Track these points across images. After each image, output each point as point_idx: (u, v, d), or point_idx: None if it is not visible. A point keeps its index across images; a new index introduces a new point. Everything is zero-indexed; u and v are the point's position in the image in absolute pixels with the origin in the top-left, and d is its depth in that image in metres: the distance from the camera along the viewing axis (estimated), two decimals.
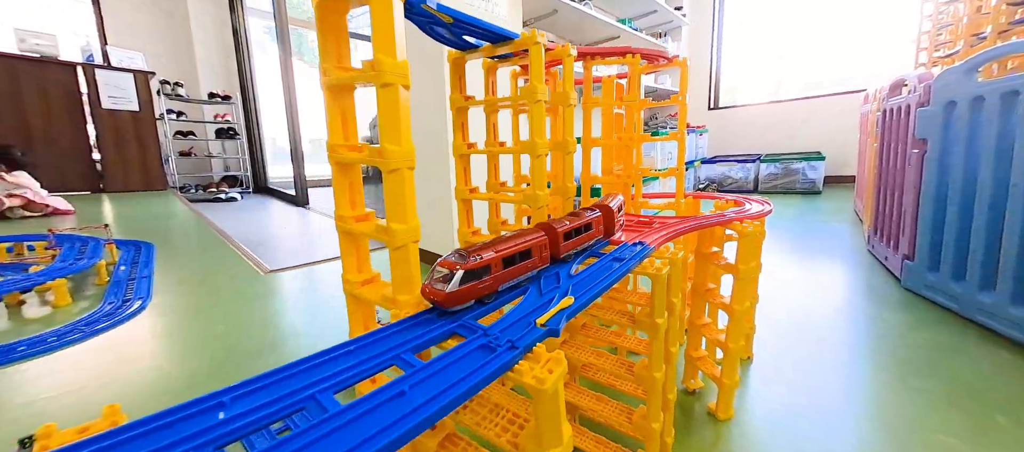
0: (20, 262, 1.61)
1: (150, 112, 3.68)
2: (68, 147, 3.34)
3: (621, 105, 0.92)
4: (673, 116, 4.28)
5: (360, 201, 0.48)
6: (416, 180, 0.51)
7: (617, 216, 0.64)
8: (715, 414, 0.81)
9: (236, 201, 4.20)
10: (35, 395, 0.87)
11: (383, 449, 0.22)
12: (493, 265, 0.42)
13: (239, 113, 4.53)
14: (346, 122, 0.45)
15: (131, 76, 3.52)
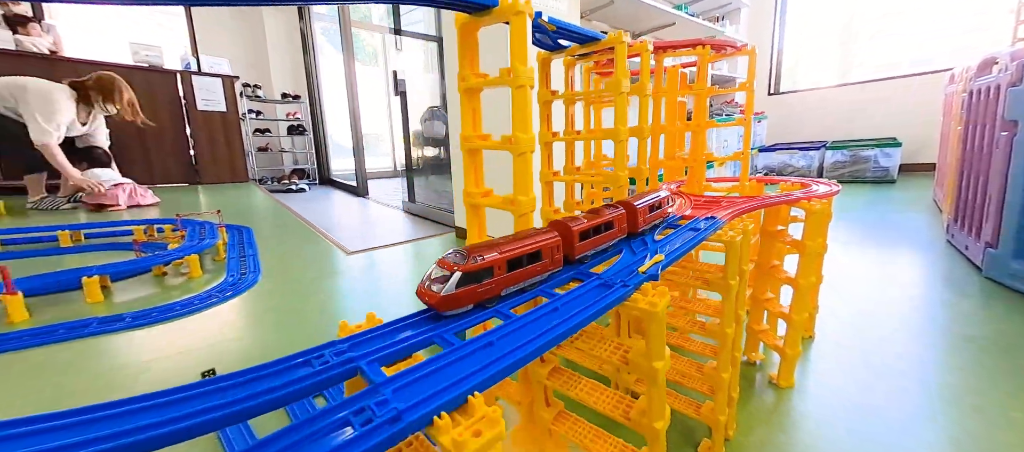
0: (157, 241, 1.93)
1: (235, 112, 4.12)
2: (171, 145, 3.84)
3: (684, 94, 0.98)
4: (729, 102, 4.14)
5: (482, 180, 0.60)
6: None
7: (645, 214, 0.60)
8: (776, 382, 0.87)
9: (305, 192, 4.61)
10: (202, 341, 1.09)
11: (528, 356, 0.33)
12: (496, 267, 0.40)
13: (306, 111, 4.94)
14: (475, 117, 0.57)
15: (219, 81, 3.96)
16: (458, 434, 0.23)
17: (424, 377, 0.27)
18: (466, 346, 0.31)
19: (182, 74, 3.77)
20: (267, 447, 0.21)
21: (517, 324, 0.35)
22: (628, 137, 0.68)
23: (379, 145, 6.07)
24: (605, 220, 0.53)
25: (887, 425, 0.73)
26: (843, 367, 0.90)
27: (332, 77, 4.96)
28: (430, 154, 5.62)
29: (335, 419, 0.23)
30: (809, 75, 4.27)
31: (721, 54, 0.88)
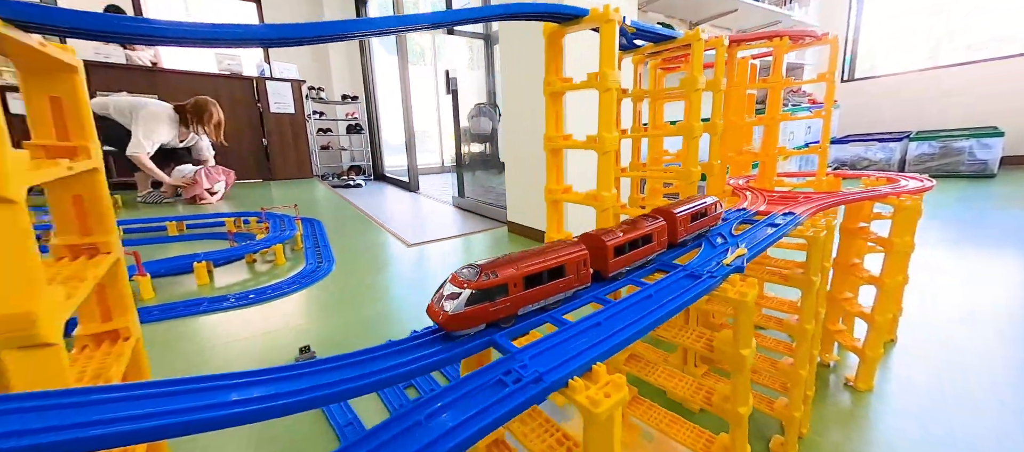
0: (246, 232, 2.17)
1: (301, 114, 4.45)
2: (249, 144, 4.23)
3: (759, 86, 0.96)
4: (795, 92, 3.87)
5: (563, 177, 0.64)
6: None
7: (686, 223, 0.55)
8: (854, 385, 0.84)
9: (361, 187, 4.91)
10: (293, 320, 1.23)
11: (640, 332, 0.36)
12: (511, 284, 0.37)
13: (363, 111, 5.23)
14: (558, 119, 0.61)
15: (289, 85, 4.30)
16: (592, 394, 0.27)
17: (549, 350, 0.32)
18: (577, 325, 0.36)
19: (258, 80, 4.14)
20: (442, 398, 0.27)
21: (616, 308, 0.39)
22: (702, 133, 0.69)
23: (426, 142, 6.29)
24: (642, 233, 0.49)
25: (972, 447, 0.68)
26: (928, 376, 0.85)
27: (386, 78, 5.22)
28: (476, 150, 5.75)
29: (489, 378, 0.28)
30: (889, 59, 3.89)
31: (798, 44, 0.86)
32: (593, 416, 0.26)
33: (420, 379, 0.79)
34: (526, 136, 2.06)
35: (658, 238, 0.51)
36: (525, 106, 2.01)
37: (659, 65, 0.91)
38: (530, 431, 0.36)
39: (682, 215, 0.55)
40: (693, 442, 0.54)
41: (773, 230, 0.61)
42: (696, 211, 0.57)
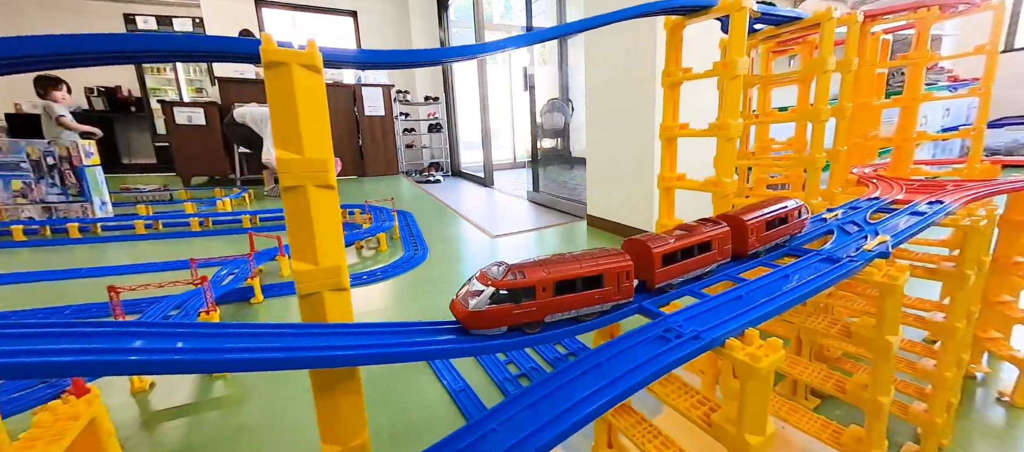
0: (352, 222, 2.45)
1: (390, 115, 4.86)
2: (347, 144, 4.72)
3: (894, 64, 0.87)
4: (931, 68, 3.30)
5: (676, 165, 0.66)
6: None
7: (759, 231, 0.48)
8: (1011, 400, 0.74)
9: (440, 182, 5.22)
10: (404, 299, 1.39)
11: (787, 304, 0.38)
12: (539, 288, 0.34)
13: (442, 111, 5.54)
14: (675, 109, 0.63)
15: (380, 90, 4.71)
16: (751, 352, 0.30)
17: (698, 315, 0.36)
18: (718, 298, 0.39)
19: (355, 87, 4.60)
20: (609, 350, 0.32)
21: (754, 285, 0.41)
22: (829, 117, 0.66)
23: (498, 138, 6.48)
24: (698, 240, 0.43)
25: None
26: None
27: (463, 78, 5.47)
28: (548, 145, 5.76)
29: (650, 335, 0.33)
30: None
31: (949, 14, 0.76)
32: (754, 371, 0.29)
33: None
34: (611, 129, 2.05)
35: (719, 246, 0.45)
36: (611, 99, 2.00)
37: (772, 48, 0.87)
38: (672, 391, 0.39)
39: (754, 221, 0.47)
40: (818, 431, 0.53)
41: (918, 218, 0.57)
42: (772, 217, 0.49)
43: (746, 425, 0.31)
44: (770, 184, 1.07)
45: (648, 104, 1.70)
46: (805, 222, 0.54)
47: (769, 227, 0.49)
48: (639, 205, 1.92)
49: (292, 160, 0.29)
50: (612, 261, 0.38)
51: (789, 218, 0.51)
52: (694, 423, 0.35)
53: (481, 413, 0.84)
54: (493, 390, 0.92)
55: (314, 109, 0.29)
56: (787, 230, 0.51)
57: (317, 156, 0.30)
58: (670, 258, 0.41)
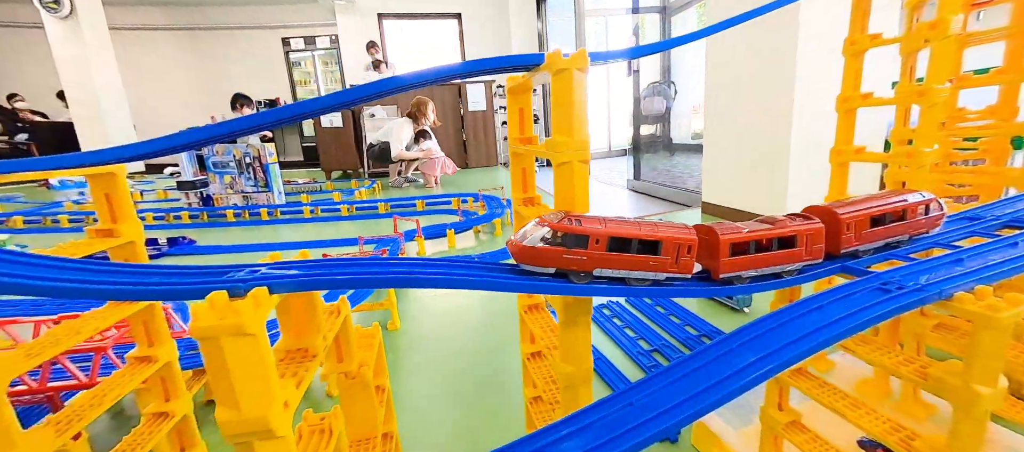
0: (468, 209, 2.70)
1: (491, 109, 5.12)
2: (453, 138, 5.12)
3: None
4: None
5: (853, 138, 0.64)
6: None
7: (863, 227, 0.42)
8: None
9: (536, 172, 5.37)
10: None
11: None
12: (593, 239, 0.35)
13: (539, 102, 5.65)
14: (857, 80, 0.61)
15: (482, 86, 5.00)
16: (987, 304, 0.32)
17: (911, 273, 0.37)
18: (933, 260, 0.39)
19: (461, 85, 4.95)
20: (822, 299, 0.36)
21: (972, 252, 0.40)
22: None
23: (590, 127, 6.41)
24: (780, 233, 0.40)
25: None
26: None
27: None
28: (647, 132, 5.50)
29: (867, 287, 0.36)
30: None
31: None
32: (992, 321, 0.31)
33: None
34: (736, 106, 1.92)
35: (808, 244, 0.40)
36: (737, 73, 1.87)
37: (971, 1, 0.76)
38: (874, 351, 0.41)
39: (851, 216, 0.41)
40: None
41: None
42: (880, 211, 0.42)
43: (975, 377, 0.33)
44: (954, 161, 0.93)
45: (785, 75, 1.57)
46: (938, 221, 0.45)
47: (876, 223, 0.43)
48: (768, 188, 1.78)
49: (563, 141, 0.39)
50: (676, 233, 0.38)
51: (907, 214, 0.44)
52: (907, 379, 0.37)
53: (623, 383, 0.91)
54: (629, 363, 0.98)
55: (582, 101, 0.38)
56: (903, 229, 0.44)
57: (580, 139, 0.39)
58: (741, 248, 0.39)
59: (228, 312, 0.24)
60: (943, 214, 0.45)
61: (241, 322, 0.23)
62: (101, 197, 0.51)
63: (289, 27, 6.44)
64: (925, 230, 0.45)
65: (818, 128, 1.60)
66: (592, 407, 0.31)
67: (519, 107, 0.56)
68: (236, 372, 0.23)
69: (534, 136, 0.56)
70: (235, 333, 0.23)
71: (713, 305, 1.20)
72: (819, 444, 0.49)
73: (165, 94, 6.64)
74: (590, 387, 0.43)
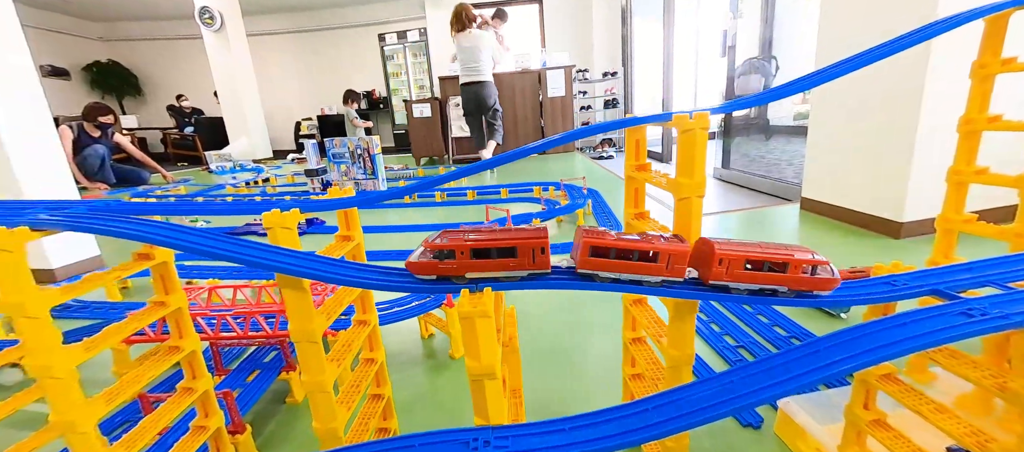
0: (550, 198, 2.83)
1: (569, 95, 5.14)
2: (531, 124, 5.26)
3: None
4: None
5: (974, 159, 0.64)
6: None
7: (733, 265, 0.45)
8: None
9: (612, 158, 5.29)
10: None
11: None
12: (458, 252, 0.45)
13: (620, 85, 5.52)
14: (984, 101, 0.62)
15: (562, 71, 5.02)
16: None
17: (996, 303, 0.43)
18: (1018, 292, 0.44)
19: (541, 72, 5.04)
20: (901, 320, 0.43)
21: None
22: None
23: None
24: (642, 247, 0.45)
25: None
26: None
27: (643, 48, 5.30)
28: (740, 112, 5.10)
29: (954, 310, 0.42)
30: None
31: None
32: None
33: None
34: (851, 89, 1.75)
35: (670, 262, 0.45)
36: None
37: None
38: (960, 363, 0.47)
39: (726, 253, 0.45)
40: None
41: None
42: (759, 257, 0.45)
43: None
44: None
45: (918, 61, 1.42)
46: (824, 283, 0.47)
47: (753, 266, 0.46)
48: (887, 189, 1.64)
49: (686, 183, 0.50)
50: (527, 237, 0.46)
51: (790, 267, 0.46)
52: (987, 389, 0.43)
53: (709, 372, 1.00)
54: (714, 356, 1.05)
55: (702, 153, 0.49)
56: (782, 281, 0.46)
57: (699, 179, 0.50)
58: (601, 252, 0.45)
59: (478, 303, 0.40)
60: (834, 280, 0.47)
61: (487, 309, 0.40)
62: None
63: (384, 23, 7.03)
64: (808, 289, 0.47)
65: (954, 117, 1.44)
66: (693, 383, 0.42)
67: (636, 139, 0.66)
68: (481, 338, 0.40)
69: (648, 164, 0.67)
70: (482, 315, 0.40)
71: (807, 309, 1.21)
72: (902, 443, 0.55)
73: (285, 90, 7.71)
74: (690, 368, 0.55)
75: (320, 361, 0.51)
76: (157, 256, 0.58)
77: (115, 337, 0.54)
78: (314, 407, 0.53)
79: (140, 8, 6.90)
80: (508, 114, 5.20)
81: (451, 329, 1.10)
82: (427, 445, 0.38)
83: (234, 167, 4.15)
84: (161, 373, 0.59)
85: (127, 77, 7.65)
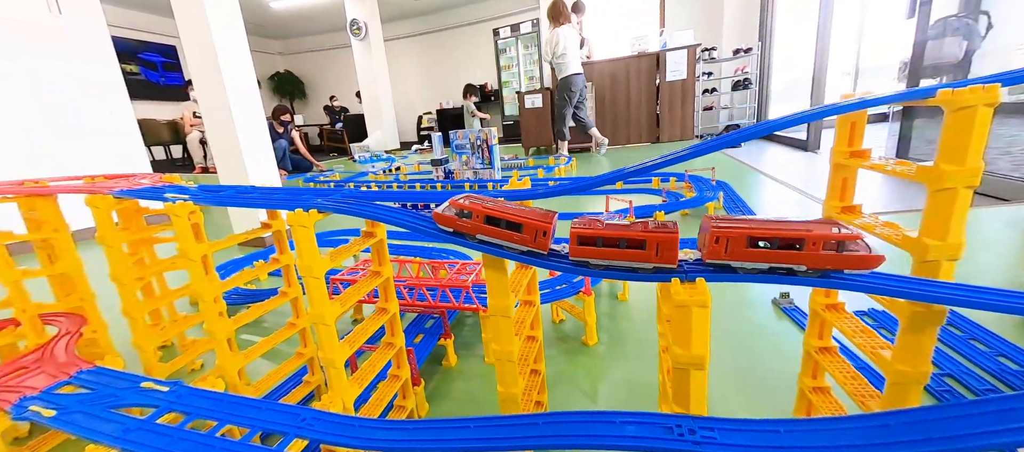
0: (673, 190, 2.66)
1: (692, 77, 4.71)
2: (644, 111, 4.97)
3: None
4: None
5: None
6: None
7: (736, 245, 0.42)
8: None
9: (739, 147, 4.71)
10: None
11: None
12: (475, 213, 0.52)
13: (755, 62, 4.86)
14: None
15: (684, 52, 4.62)
16: None
17: None
18: None
19: (660, 54, 4.71)
20: None
21: None
22: None
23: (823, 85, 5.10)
24: (632, 235, 0.47)
25: None
26: None
27: (787, 18, 4.56)
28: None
29: None
30: None
31: None
32: None
33: None
34: None
35: (657, 250, 0.46)
36: None
37: None
38: None
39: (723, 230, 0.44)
40: None
41: None
42: (765, 233, 0.43)
43: None
44: None
45: None
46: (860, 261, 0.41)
47: (754, 244, 0.44)
48: None
49: (952, 171, 0.43)
50: (535, 218, 0.50)
51: (807, 243, 0.42)
52: None
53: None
54: None
55: (983, 134, 0.41)
56: (799, 259, 0.42)
57: (974, 165, 0.42)
58: (589, 241, 0.48)
59: (695, 292, 0.41)
60: (874, 257, 0.41)
61: (705, 299, 0.41)
62: None
63: (498, 18, 7.32)
64: (837, 267, 0.42)
65: None
66: (957, 404, 0.36)
67: (851, 122, 0.60)
68: (695, 328, 0.41)
69: (867, 150, 0.59)
70: (700, 305, 0.41)
71: None
72: None
73: (410, 87, 8.60)
74: (922, 388, 0.47)
75: (510, 334, 0.58)
76: (377, 234, 0.72)
77: (354, 297, 0.69)
78: (500, 374, 0.61)
79: (308, 25, 8.36)
80: (618, 101, 5.00)
81: (587, 317, 1.13)
82: (630, 423, 0.41)
83: (372, 157, 4.81)
84: (375, 329, 0.74)
85: (297, 83, 9.39)
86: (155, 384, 0.65)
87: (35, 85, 2.49)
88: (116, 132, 2.85)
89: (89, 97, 2.71)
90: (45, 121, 2.54)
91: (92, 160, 2.70)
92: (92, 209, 0.79)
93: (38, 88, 2.51)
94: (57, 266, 0.90)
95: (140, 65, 6.76)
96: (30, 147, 2.49)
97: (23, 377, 0.71)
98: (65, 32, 2.58)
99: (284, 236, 0.81)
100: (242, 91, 2.11)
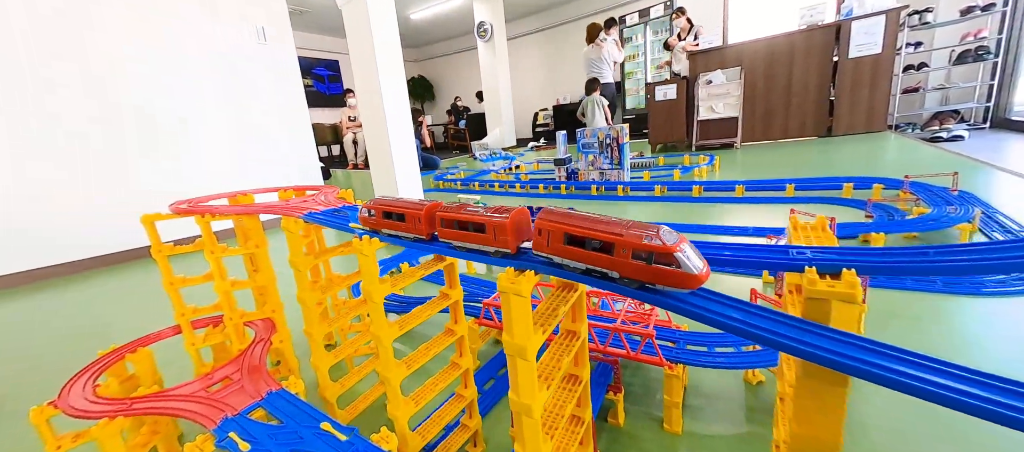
0: (883, 202, 2.00)
1: (891, 51, 3.64)
2: (811, 98, 4.03)
3: None
4: None
5: None
6: None
7: (552, 239, 0.44)
8: None
9: (962, 139, 3.47)
10: None
11: None
12: (377, 212, 0.63)
13: (997, 22, 3.54)
14: None
15: (882, 18, 3.58)
16: None
17: None
18: None
19: (841, 24, 3.75)
20: None
21: None
22: None
23: None
24: (475, 219, 0.51)
25: None
26: None
27: None
28: None
29: None
30: None
31: None
32: None
33: None
34: None
35: (495, 233, 0.50)
36: None
37: None
38: None
39: (547, 224, 0.45)
40: None
41: None
42: (583, 233, 0.42)
43: None
44: None
45: None
46: (673, 277, 0.37)
47: (573, 243, 0.43)
48: None
49: None
50: (414, 207, 0.60)
51: (616, 248, 0.39)
52: None
53: None
54: None
55: None
56: (610, 264, 0.40)
57: None
58: (450, 224, 0.55)
59: (837, 284, 0.34)
60: (693, 276, 0.37)
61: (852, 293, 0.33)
62: None
63: (622, 5, 6.80)
64: (648, 280, 0.39)
65: None
66: None
67: None
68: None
69: None
70: (844, 299, 0.34)
71: None
72: None
73: (528, 84, 8.63)
74: None
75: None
76: (447, 259, 0.67)
77: (418, 319, 0.66)
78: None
79: (440, 31, 9.02)
80: (775, 86, 4.15)
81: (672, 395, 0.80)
82: None
83: (491, 155, 4.88)
84: (443, 348, 0.70)
85: (428, 86, 10.26)
86: (334, 429, 0.59)
87: (251, 99, 3.24)
88: (297, 135, 3.53)
89: (283, 104, 3.39)
90: (254, 125, 3.26)
91: (283, 157, 3.40)
92: (286, 234, 0.80)
93: (252, 96, 3.24)
94: (258, 278, 0.95)
95: (313, 78, 8.12)
96: (244, 143, 3.22)
97: (228, 389, 0.74)
98: (269, 56, 3.30)
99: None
100: (394, 99, 2.38)
